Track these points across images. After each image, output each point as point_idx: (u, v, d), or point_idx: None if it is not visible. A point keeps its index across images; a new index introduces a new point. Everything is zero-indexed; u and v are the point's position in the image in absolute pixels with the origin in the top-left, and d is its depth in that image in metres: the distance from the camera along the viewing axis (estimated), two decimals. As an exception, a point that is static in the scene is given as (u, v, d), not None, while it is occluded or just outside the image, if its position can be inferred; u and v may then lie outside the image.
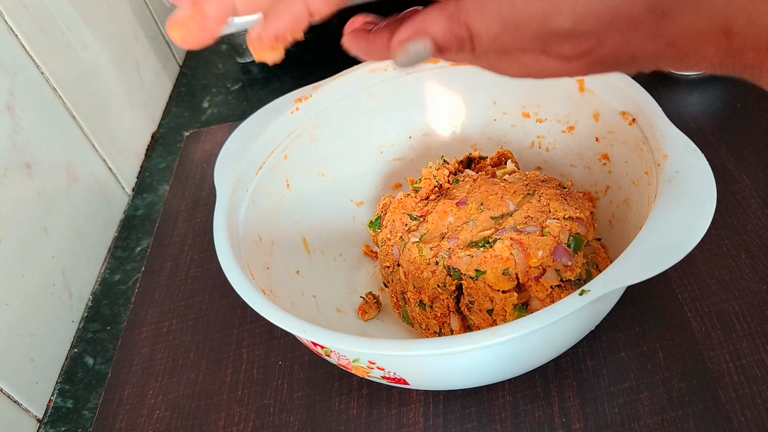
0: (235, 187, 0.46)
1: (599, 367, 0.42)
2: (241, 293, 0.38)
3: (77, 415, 0.49)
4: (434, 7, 0.24)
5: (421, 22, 0.24)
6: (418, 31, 0.24)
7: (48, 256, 0.53)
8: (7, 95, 0.51)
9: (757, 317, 0.42)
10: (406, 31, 0.24)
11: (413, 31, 0.24)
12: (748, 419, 0.38)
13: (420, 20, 0.24)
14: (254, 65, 0.81)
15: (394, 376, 0.38)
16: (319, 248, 0.51)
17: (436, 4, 0.24)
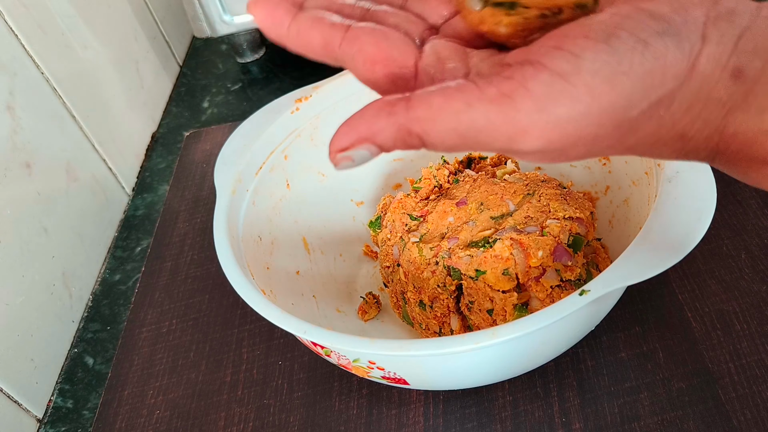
0: (235, 187, 0.46)
1: (599, 367, 0.42)
2: (241, 293, 0.38)
3: (77, 415, 0.49)
4: (380, 111, 0.21)
5: (366, 128, 0.22)
6: (363, 139, 0.22)
7: (48, 256, 0.53)
8: (7, 95, 0.51)
9: (757, 317, 0.42)
10: (347, 136, 0.22)
11: (356, 138, 0.22)
12: (748, 419, 0.38)
13: (364, 125, 0.22)
14: (254, 65, 0.81)
15: (394, 376, 0.38)
16: (319, 248, 0.51)
17: (380, 105, 0.22)
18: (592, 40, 0.20)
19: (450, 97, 0.21)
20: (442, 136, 0.21)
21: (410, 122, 0.21)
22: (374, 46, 0.24)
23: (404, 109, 0.21)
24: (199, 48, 0.87)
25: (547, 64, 0.20)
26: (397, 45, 0.24)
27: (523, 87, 0.20)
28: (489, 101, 0.20)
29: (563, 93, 0.20)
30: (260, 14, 0.25)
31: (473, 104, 0.20)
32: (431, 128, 0.21)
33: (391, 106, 0.21)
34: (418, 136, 0.21)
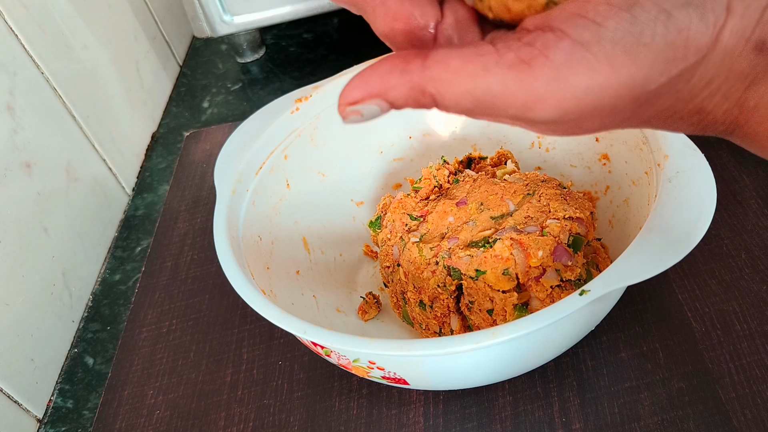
0: (235, 187, 0.46)
1: (599, 367, 0.42)
2: (241, 293, 0.38)
3: (77, 415, 0.49)
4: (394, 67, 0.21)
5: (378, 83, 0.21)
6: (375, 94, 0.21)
7: (48, 256, 0.53)
8: (7, 95, 0.51)
9: (757, 317, 0.42)
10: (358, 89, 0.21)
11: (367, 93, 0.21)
12: (748, 419, 0.38)
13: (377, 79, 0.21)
14: (254, 65, 0.81)
15: (394, 376, 0.38)
16: (319, 248, 0.51)
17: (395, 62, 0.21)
18: (615, 7, 0.20)
19: (468, 60, 0.20)
20: (457, 99, 0.20)
21: (425, 81, 0.20)
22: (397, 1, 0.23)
23: (420, 68, 0.21)
24: (199, 48, 0.87)
25: (568, 31, 0.20)
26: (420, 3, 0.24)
27: (542, 55, 0.20)
28: (507, 67, 0.20)
29: (582, 62, 0.20)
30: None
31: (491, 69, 0.20)
32: (446, 89, 0.20)
33: (406, 62, 0.21)
34: (431, 96, 0.21)
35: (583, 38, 0.20)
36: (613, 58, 0.20)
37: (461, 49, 0.21)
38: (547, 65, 0.20)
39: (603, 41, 0.19)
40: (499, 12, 0.23)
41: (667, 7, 0.20)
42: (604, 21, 0.20)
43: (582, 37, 0.20)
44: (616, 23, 0.20)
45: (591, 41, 0.20)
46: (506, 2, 0.22)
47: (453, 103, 0.21)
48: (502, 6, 0.23)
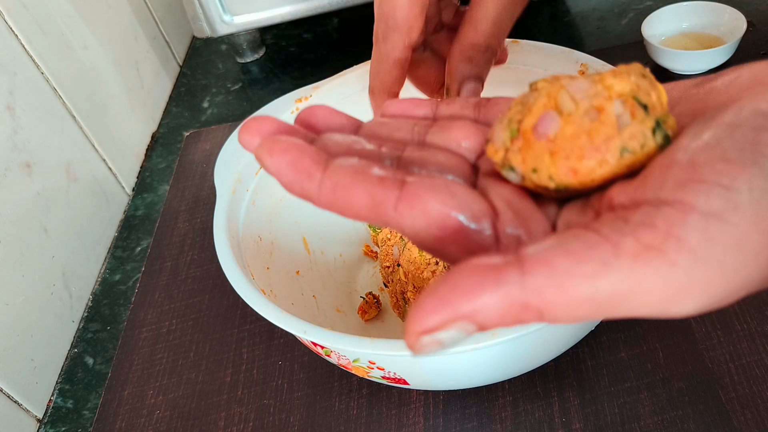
0: (235, 187, 0.46)
1: (599, 367, 0.42)
2: (241, 293, 0.38)
3: (77, 415, 0.49)
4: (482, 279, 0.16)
5: (464, 302, 0.16)
6: (459, 317, 0.16)
7: (48, 256, 0.53)
8: (7, 95, 0.51)
9: (756, 317, 0.42)
10: (437, 314, 0.16)
11: (450, 316, 0.16)
12: (748, 419, 0.38)
13: (462, 298, 0.16)
14: (254, 65, 0.81)
15: (394, 376, 0.38)
16: (319, 248, 0.51)
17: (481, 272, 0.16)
18: (738, 163, 0.16)
19: (578, 256, 0.16)
20: (572, 308, 0.16)
21: (527, 294, 0.16)
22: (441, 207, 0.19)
23: (518, 276, 0.16)
24: (199, 48, 0.87)
25: (691, 202, 0.16)
26: (468, 203, 0.19)
27: (671, 236, 0.16)
28: (632, 258, 0.16)
29: (725, 236, 0.16)
30: (280, 162, 0.19)
31: (611, 264, 0.16)
32: (557, 299, 0.16)
33: (497, 272, 0.16)
34: (536, 310, 0.16)
35: (715, 208, 0.16)
36: (759, 224, 0.16)
37: (562, 243, 0.16)
38: (682, 248, 0.16)
39: (741, 206, 0.16)
40: (563, 179, 0.19)
41: None
42: (732, 182, 0.16)
43: (712, 206, 0.16)
44: (748, 182, 0.16)
45: (725, 210, 0.16)
46: (572, 165, 0.19)
47: (566, 314, 0.16)
48: (567, 171, 0.19)
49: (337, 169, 0.19)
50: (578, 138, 0.19)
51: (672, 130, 0.19)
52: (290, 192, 0.20)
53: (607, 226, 0.17)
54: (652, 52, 0.60)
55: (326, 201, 0.19)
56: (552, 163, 0.19)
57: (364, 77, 0.53)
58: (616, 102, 0.19)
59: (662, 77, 0.65)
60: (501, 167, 0.21)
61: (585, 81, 0.19)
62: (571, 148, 0.19)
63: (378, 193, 0.19)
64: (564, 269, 0.16)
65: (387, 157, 0.22)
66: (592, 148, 0.18)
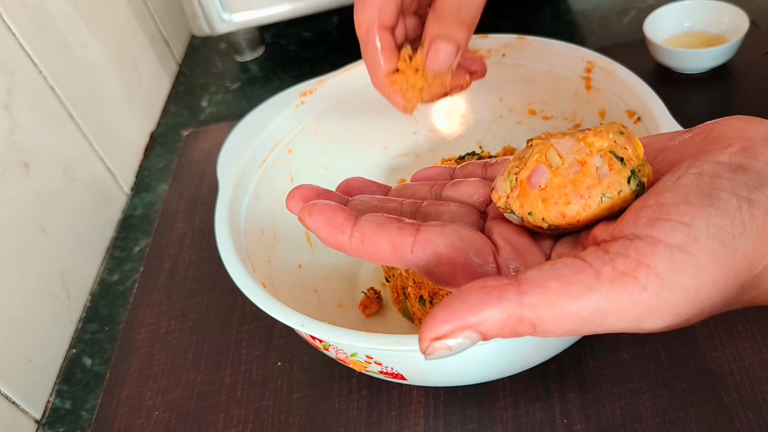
0: (238, 180, 0.46)
1: (601, 368, 0.41)
2: (240, 285, 0.38)
3: (75, 416, 0.48)
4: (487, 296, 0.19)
5: (470, 314, 0.19)
6: (466, 326, 0.19)
7: (46, 256, 0.53)
8: (5, 94, 0.51)
9: (759, 318, 0.42)
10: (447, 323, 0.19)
11: (459, 326, 0.19)
12: (750, 420, 0.37)
13: (469, 310, 0.19)
14: (253, 64, 0.81)
15: (392, 371, 0.38)
16: (321, 243, 0.51)
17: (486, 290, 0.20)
18: (696, 205, 0.20)
19: (567, 280, 0.19)
20: (561, 323, 0.19)
21: (523, 309, 0.19)
22: (450, 247, 0.23)
23: (516, 294, 0.19)
24: (198, 46, 0.87)
25: (658, 236, 0.19)
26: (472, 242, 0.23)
27: (642, 264, 0.19)
28: (610, 282, 0.19)
29: (686, 264, 0.19)
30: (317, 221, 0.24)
31: (593, 286, 0.19)
32: (549, 314, 0.19)
33: (499, 290, 0.19)
34: (530, 323, 0.19)
35: (677, 241, 0.19)
36: (715, 254, 0.19)
37: (554, 269, 0.20)
38: (652, 274, 0.19)
39: (699, 239, 0.19)
40: (554, 220, 0.23)
41: (745, 194, 0.20)
42: (692, 220, 0.19)
43: (675, 239, 0.19)
44: (705, 220, 0.19)
45: (686, 242, 0.19)
46: (560, 210, 0.23)
47: (556, 327, 0.19)
48: (556, 214, 0.23)
49: (363, 223, 0.23)
50: (565, 187, 0.23)
51: (647, 178, 0.23)
52: (327, 245, 0.24)
53: (590, 255, 0.20)
54: (654, 51, 0.60)
55: (356, 250, 0.23)
56: (544, 207, 0.23)
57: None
58: (596, 156, 0.23)
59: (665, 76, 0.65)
60: (504, 211, 0.25)
61: (571, 139, 0.24)
62: (559, 196, 0.23)
63: (397, 240, 0.23)
64: (555, 290, 0.19)
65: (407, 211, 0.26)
66: (576, 195, 0.23)
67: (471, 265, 0.23)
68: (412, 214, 0.26)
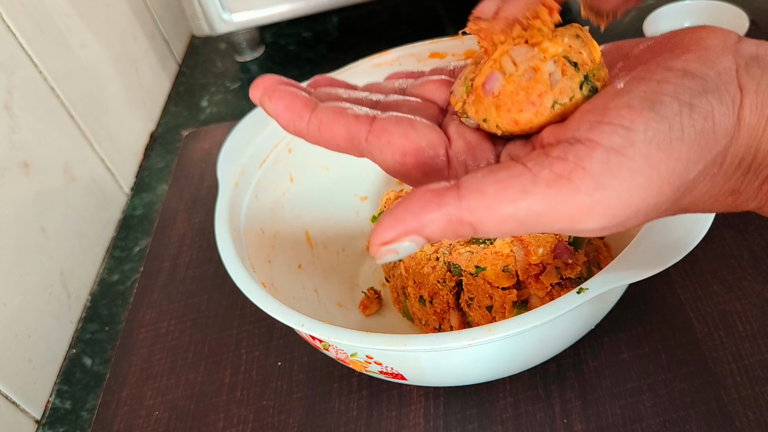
0: (238, 179, 0.46)
1: (601, 368, 0.41)
2: (240, 285, 0.38)
3: (75, 416, 0.48)
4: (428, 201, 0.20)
5: (413, 220, 0.20)
6: (410, 232, 0.20)
7: (46, 256, 0.52)
8: (5, 94, 0.51)
9: (759, 318, 0.42)
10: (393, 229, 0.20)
11: (402, 231, 0.20)
12: (750, 420, 0.37)
13: (412, 217, 0.20)
14: (253, 64, 0.81)
15: (392, 371, 0.38)
16: (321, 243, 0.51)
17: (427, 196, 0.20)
18: (637, 109, 0.20)
19: (504, 184, 0.20)
20: (498, 225, 0.20)
21: (462, 212, 0.20)
22: (403, 137, 0.23)
23: (455, 199, 0.20)
24: (198, 47, 0.87)
25: (597, 139, 0.20)
26: (426, 134, 0.24)
27: (579, 167, 0.20)
28: (546, 185, 0.20)
29: (622, 167, 0.19)
30: (277, 106, 0.24)
31: (529, 189, 0.20)
32: (486, 217, 0.20)
33: (439, 196, 0.20)
34: (470, 225, 0.20)
35: (615, 144, 0.20)
36: (650, 158, 0.19)
37: (493, 173, 0.20)
38: (586, 176, 0.19)
39: (636, 143, 0.19)
40: (507, 127, 0.23)
41: (688, 99, 0.20)
42: (632, 124, 0.20)
43: (613, 142, 0.20)
44: (644, 124, 0.20)
45: (624, 145, 0.19)
46: (513, 117, 0.23)
47: (494, 228, 0.20)
48: (509, 121, 0.23)
49: (322, 110, 0.24)
50: (517, 94, 0.23)
51: (602, 82, 0.23)
52: (287, 131, 0.25)
53: (532, 160, 0.20)
54: (654, 51, 0.60)
55: (313, 136, 0.24)
56: (497, 114, 0.23)
57: (369, 71, 0.53)
58: (550, 62, 0.23)
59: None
60: (461, 116, 0.25)
61: (525, 46, 0.23)
62: (512, 103, 0.23)
63: (353, 128, 0.23)
64: (492, 194, 0.20)
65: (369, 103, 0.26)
66: (528, 103, 0.23)
67: (422, 155, 0.23)
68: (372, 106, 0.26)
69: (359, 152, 0.24)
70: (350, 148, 0.24)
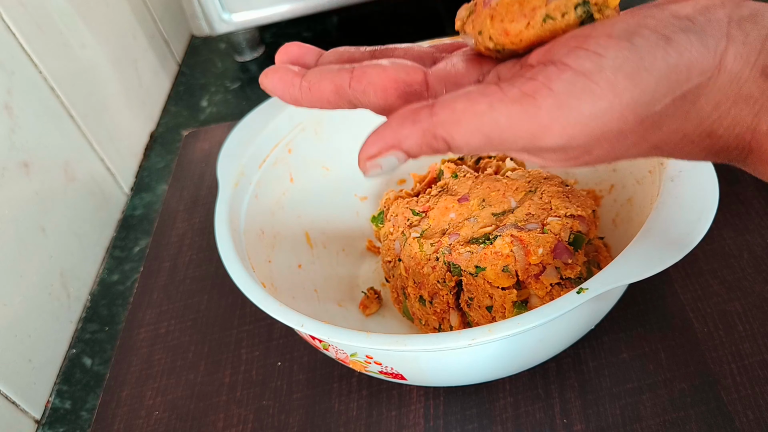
0: (238, 179, 0.46)
1: (601, 368, 0.41)
2: (240, 285, 0.38)
3: (75, 416, 0.48)
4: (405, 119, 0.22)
5: (392, 136, 0.22)
6: (390, 146, 0.22)
7: (46, 256, 0.52)
8: (5, 94, 0.51)
9: (759, 318, 0.42)
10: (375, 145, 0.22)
11: (383, 146, 0.22)
12: (750, 420, 0.37)
13: (390, 133, 0.22)
14: (253, 64, 0.81)
15: (392, 371, 0.38)
16: (321, 243, 0.51)
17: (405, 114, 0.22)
18: (614, 38, 0.21)
19: (473, 100, 0.21)
20: (467, 138, 0.21)
21: (434, 126, 0.21)
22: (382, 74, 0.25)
23: (428, 115, 0.22)
24: (198, 47, 0.87)
25: (569, 63, 0.21)
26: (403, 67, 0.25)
27: (545, 87, 0.20)
28: (511, 102, 0.21)
29: (585, 90, 0.20)
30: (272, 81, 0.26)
31: (495, 105, 0.21)
32: (456, 131, 0.21)
33: (415, 113, 0.22)
34: (443, 140, 0.22)
35: (584, 68, 0.20)
36: (615, 84, 0.20)
37: (466, 92, 0.21)
38: (550, 96, 0.20)
39: (604, 69, 0.20)
40: (498, 38, 0.24)
41: (667, 33, 0.21)
42: (605, 51, 0.20)
43: (583, 67, 0.20)
44: (616, 52, 0.20)
45: (592, 70, 0.20)
46: (504, 27, 0.24)
47: (464, 142, 0.21)
48: (501, 31, 0.24)
49: (309, 74, 0.26)
50: (512, 5, 0.24)
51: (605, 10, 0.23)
52: (285, 101, 0.26)
53: (509, 81, 0.21)
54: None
55: (307, 99, 0.26)
56: (491, 25, 0.24)
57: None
58: None
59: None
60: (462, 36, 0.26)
61: None
62: (505, 13, 0.24)
63: (337, 79, 0.25)
64: (461, 108, 0.21)
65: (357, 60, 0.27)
66: (521, 14, 0.23)
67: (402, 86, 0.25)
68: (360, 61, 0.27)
69: (348, 101, 0.25)
70: (339, 100, 0.25)
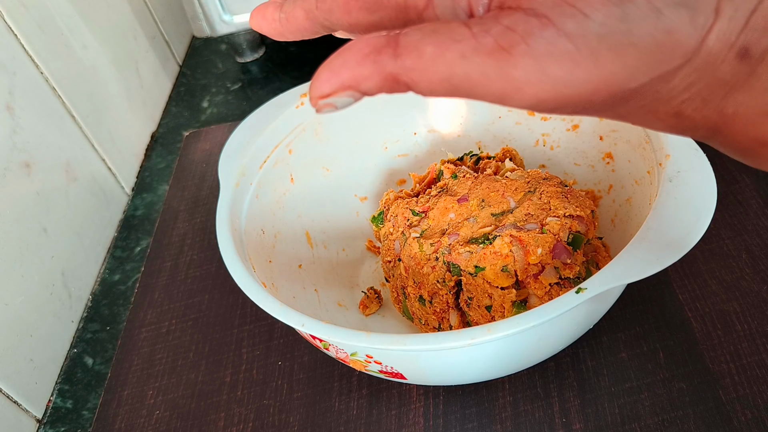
0: (239, 180, 0.47)
1: (599, 368, 0.42)
2: (241, 285, 0.39)
3: (77, 415, 0.49)
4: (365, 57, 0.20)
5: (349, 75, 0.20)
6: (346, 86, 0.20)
7: (47, 256, 0.53)
8: (7, 95, 0.51)
9: (757, 317, 0.42)
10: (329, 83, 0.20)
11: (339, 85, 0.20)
12: (748, 419, 0.38)
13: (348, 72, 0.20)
14: (254, 65, 0.81)
15: (392, 370, 0.38)
16: (322, 243, 0.51)
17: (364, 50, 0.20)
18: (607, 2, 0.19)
19: (443, 47, 0.19)
20: (433, 87, 0.20)
21: (398, 71, 0.20)
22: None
23: (391, 57, 0.20)
24: (199, 47, 0.87)
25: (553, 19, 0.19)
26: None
27: (524, 42, 0.19)
28: (486, 54, 0.19)
29: (565, 55, 0.19)
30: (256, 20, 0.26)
31: (468, 56, 0.19)
32: (421, 78, 0.19)
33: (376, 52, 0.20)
34: (405, 84, 0.20)
35: (568, 28, 0.19)
36: (597, 54, 0.19)
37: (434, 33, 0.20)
38: (528, 54, 0.19)
39: (588, 35, 0.19)
40: None
41: (660, 6, 0.19)
42: (593, 13, 0.19)
43: (567, 27, 0.19)
44: (604, 17, 0.19)
45: (576, 33, 0.19)
46: None
47: (428, 90, 0.20)
48: None
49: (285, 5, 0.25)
50: None
51: None
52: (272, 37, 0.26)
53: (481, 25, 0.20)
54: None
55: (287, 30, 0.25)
56: None
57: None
58: None
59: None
60: None
61: None
62: None
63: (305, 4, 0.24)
64: (429, 55, 0.19)
65: None
66: None
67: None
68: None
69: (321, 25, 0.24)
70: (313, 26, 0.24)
